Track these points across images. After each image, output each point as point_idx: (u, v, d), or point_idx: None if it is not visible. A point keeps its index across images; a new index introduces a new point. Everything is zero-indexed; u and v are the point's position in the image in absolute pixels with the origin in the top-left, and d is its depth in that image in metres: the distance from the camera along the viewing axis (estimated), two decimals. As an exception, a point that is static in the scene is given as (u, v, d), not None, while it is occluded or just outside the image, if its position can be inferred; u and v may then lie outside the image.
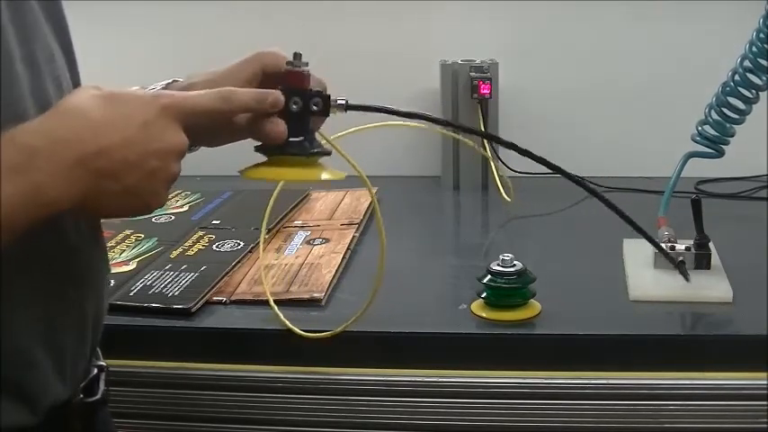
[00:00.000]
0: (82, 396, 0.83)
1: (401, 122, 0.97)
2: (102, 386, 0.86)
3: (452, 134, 1.45)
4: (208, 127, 0.81)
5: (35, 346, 0.76)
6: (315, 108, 0.84)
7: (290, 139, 0.83)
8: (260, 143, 0.84)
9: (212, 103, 0.77)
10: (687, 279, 1.06)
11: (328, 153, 0.87)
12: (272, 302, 1.04)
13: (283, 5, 1.62)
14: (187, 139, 0.76)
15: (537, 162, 0.95)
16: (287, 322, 1.00)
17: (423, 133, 1.62)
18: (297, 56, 0.86)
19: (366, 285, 1.11)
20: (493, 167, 1.47)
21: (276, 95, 0.81)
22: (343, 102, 0.86)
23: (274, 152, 0.84)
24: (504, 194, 1.42)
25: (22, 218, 0.68)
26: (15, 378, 0.75)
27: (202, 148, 0.92)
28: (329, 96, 0.85)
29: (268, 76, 0.88)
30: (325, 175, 0.86)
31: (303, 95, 0.84)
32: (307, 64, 0.86)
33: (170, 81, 0.94)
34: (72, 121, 0.71)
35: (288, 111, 0.82)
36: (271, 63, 0.89)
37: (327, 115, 0.86)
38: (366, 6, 1.61)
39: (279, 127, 0.81)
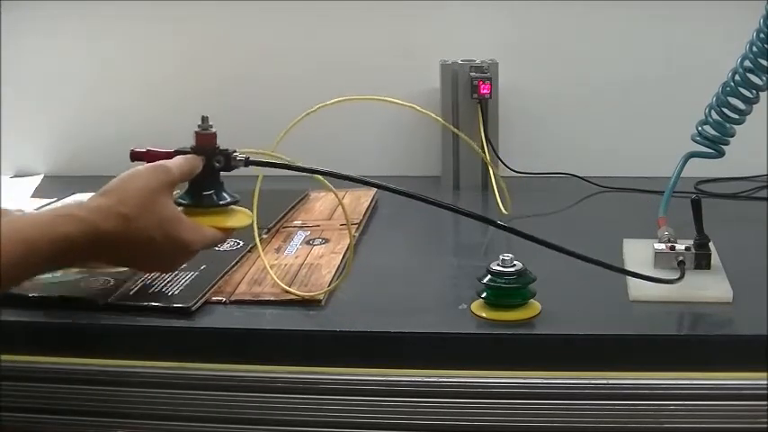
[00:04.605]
0: None
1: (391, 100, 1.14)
2: None
3: (453, 130, 1.45)
4: None
5: None
6: (217, 164, 0.99)
7: (203, 193, 0.99)
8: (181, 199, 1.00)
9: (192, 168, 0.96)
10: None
11: (236, 202, 1.02)
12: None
13: (283, 5, 1.62)
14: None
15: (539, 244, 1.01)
16: (282, 284, 1.04)
17: (423, 134, 1.62)
18: (204, 119, 1.00)
19: (366, 286, 1.12)
20: (491, 173, 1.47)
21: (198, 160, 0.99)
22: (243, 158, 1.00)
23: (190, 205, 0.99)
24: (501, 205, 1.40)
25: None
26: None
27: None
28: (230, 154, 0.99)
29: None
30: (230, 224, 1.02)
31: (207, 154, 0.99)
32: (211, 126, 1.01)
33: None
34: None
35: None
36: None
37: (230, 170, 1.00)
38: (366, 6, 1.61)
39: None
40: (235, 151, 0.99)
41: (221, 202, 1.01)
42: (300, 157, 1.07)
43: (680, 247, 1.10)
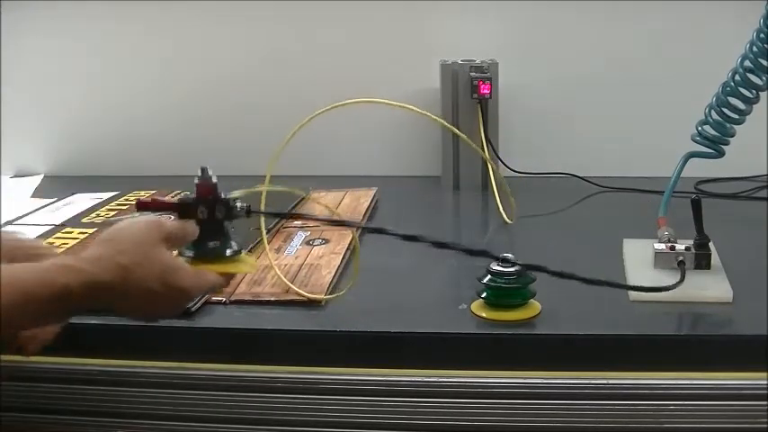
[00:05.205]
0: None
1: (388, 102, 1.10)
2: None
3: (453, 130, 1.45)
4: None
5: None
6: (219, 215, 0.95)
7: (208, 244, 0.95)
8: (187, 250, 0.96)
9: (186, 234, 0.94)
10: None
11: (239, 253, 0.97)
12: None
13: (283, 5, 1.62)
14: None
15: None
16: (291, 285, 1.02)
17: (423, 134, 1.62)
18: (204, 170, 0.96)
19: (366, 286, 1.12)
20: (492, 175, 1.46)
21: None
22: (244, 206, 0.96)
23: (196, 255, 0.96)
24: (504, 215, 1.39)
25: None
26: None
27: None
28: (229, 203, 0.95)
29: None
30: (233, 271, 0.98)
31: (208, 205, 0.95)
32: (212, 177, 0.96)
33: None
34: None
35: (198, 218, 0.95)
36: None
37: (231, 220, 0.96)
38: (366, 6, 1.61)
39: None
40: (236, 200, 0.96)
41: (225, 255, 0.97)
42: (301, 157, 1.07)
43: (680, 247, 1.10)
